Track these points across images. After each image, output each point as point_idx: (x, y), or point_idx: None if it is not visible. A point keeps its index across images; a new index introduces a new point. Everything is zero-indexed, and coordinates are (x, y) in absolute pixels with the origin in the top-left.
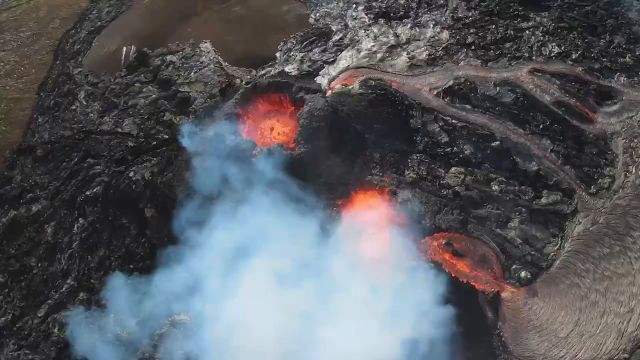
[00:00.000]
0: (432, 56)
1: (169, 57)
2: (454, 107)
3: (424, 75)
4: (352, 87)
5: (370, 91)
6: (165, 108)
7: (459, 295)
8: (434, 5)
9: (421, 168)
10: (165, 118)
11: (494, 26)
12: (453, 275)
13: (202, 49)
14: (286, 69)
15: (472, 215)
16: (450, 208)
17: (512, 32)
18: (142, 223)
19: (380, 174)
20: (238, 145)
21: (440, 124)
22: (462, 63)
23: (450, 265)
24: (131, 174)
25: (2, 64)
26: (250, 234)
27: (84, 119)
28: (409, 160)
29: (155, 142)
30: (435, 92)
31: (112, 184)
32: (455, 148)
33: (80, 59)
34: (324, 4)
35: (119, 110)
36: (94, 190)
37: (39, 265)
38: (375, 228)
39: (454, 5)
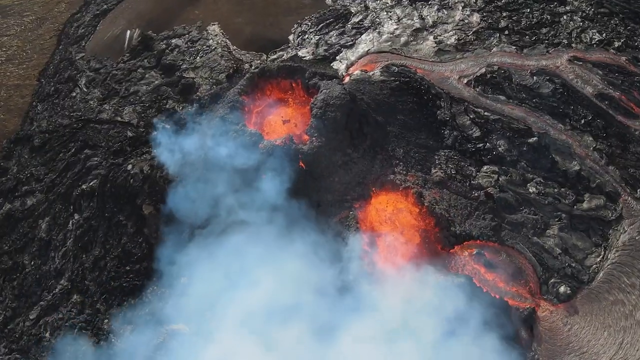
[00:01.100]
0: (462, 41)
1: (174, 41)
2: (486, 98)
3: (453, 62)
4: (373, 74)
5: (392, 78)
6: (168, 95)
7: (490, 312)
8: None
9: (449, 166)
10: (167, 106)
11: (528, 10)
12: (484, 289)
13: (209, 32)
14: (300, 53)
15: (506, 220)
16: (481, 212)
17: (548, 16)
18: (140, 221)
19: (404, 172)
20: (241, 139)
21: (471, 117)
22: (494, 49)
23: (481, 278)
24: (129, 166)
25: (4, 49)
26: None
27: (83, 106)
28: (436, 157)
29: (154, 133)
30: (465, 81)
31: (109, 178)
32: (487, 144)
33: (83, 44)
34: None
35: (120, 97)
36: (90, 184)
37: (32, 263)
38: (397, 236)
39: None
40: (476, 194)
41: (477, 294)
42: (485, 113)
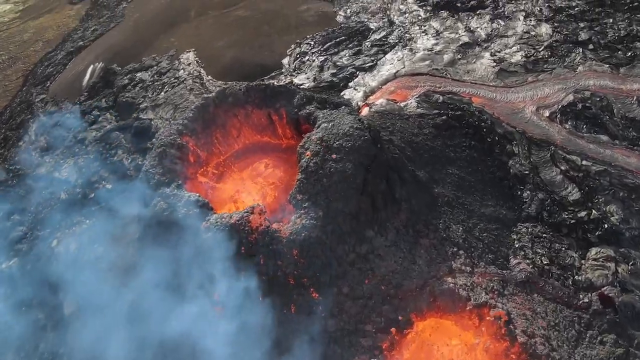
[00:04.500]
0: (532, 58)
1: (139, 75)
2: (582, 138)
3: (525, 86)
4: (406, 104)
5: (437, 111)
6: (118, 143)
7: None
8: None
9: (537, 251)
10: (115, 158)
11: (611, 20)
12: None
13: (182, 60)
14: (296, 80)
15: (637, 343)
16: (597, 332)
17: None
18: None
19: (469, 268)
20: (169, 213)
21: (563, 168)
22: (580, 68)
23: None
24: (54, 242)
25: None
26: None
27: (24, 159)
28: (515, 237)
29: (92, 195)
30: (547, 113)
31: (32, 254)
32: (593, 211)
33: (48, 84)
34: None
35: (65, 147)
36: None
37: None
38: None
39: None
40: (585, 300)
41: None
42: (584, 162)
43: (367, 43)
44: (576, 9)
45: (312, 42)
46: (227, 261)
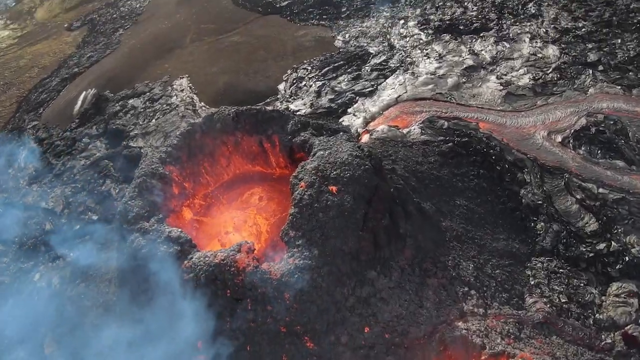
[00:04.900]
0: (540, 80)
1: (131, 101)
2: (597, 165)
3: (534, 110)
4: (409, 131)
5: (442, 138)
6: (106, 172)
7: None
8: (522, 15)
9: (554, 288)
10: (102, 188)
11: (619, 40)
12: None
13: (175, 87)
14: (292, 106)
15: None
16: None
17: None
18: None
19: (481, 310)
20: (148, 249)
21: (579, 197)
22: (591, 90)
23: None
24: (36, 276)
25: None
26: None
27: (12, 186)
28: (530, 273)
29: (77, 227)
30: (559, 138)
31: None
32: (612, 243)
33: (41, 111)
34: (356, 23)
35: (53, 175)
36: None
37: None
38: None
39: (553, 15)
40: (608, 340)
41: None
42: (600, 190)
43: (366, 67)
44: (583, 29)
45: (309, 67)
46: (210, 306)
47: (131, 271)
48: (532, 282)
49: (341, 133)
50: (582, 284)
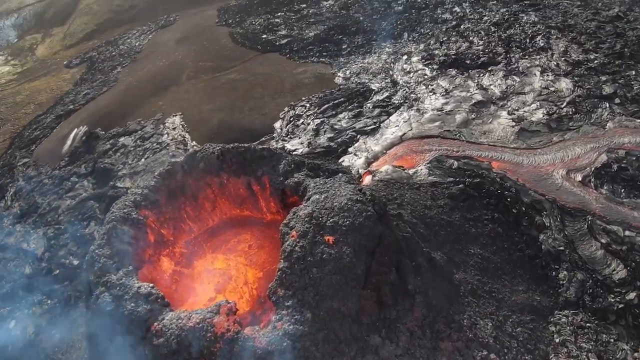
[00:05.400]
0: (555, 115)
1: (122, 140)
2: (622, 205)
3: (551, 147)
4: (416, 171)
5: (452, 179)
6: (91, 214)
7: None
8: (531, 49)
9: (582, 345)
10: (85, 230)
11: (634, 72)
12: None
13: (167, 125)
14: (288, 146)
15: None
16: None
17: None
18: None
19: None
20: (115, 309)
21: (604, 241)
22: (610, 124)
23: None
24: (12, 323)
25: None
26: None
27: None
28: (554, 329)
29: (57, 272)
30: (579, 177)
31: None
32: None
33: (33, 147)
34: (357, 60)
35: (38, 215)
36: None
37: None
38: None
39: (562, 48)
40: None
41: None
42: (627, 232)
43: (368, 104)
44: (595, 62)
45: (308, 104)
46: None
47: (95, 332)
48: (557, 340)
49: (340, 174)
50: (612, 340)
